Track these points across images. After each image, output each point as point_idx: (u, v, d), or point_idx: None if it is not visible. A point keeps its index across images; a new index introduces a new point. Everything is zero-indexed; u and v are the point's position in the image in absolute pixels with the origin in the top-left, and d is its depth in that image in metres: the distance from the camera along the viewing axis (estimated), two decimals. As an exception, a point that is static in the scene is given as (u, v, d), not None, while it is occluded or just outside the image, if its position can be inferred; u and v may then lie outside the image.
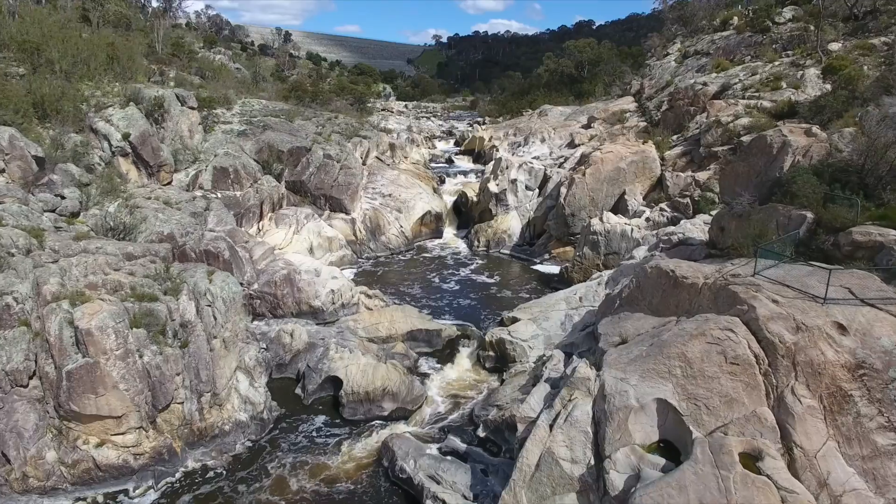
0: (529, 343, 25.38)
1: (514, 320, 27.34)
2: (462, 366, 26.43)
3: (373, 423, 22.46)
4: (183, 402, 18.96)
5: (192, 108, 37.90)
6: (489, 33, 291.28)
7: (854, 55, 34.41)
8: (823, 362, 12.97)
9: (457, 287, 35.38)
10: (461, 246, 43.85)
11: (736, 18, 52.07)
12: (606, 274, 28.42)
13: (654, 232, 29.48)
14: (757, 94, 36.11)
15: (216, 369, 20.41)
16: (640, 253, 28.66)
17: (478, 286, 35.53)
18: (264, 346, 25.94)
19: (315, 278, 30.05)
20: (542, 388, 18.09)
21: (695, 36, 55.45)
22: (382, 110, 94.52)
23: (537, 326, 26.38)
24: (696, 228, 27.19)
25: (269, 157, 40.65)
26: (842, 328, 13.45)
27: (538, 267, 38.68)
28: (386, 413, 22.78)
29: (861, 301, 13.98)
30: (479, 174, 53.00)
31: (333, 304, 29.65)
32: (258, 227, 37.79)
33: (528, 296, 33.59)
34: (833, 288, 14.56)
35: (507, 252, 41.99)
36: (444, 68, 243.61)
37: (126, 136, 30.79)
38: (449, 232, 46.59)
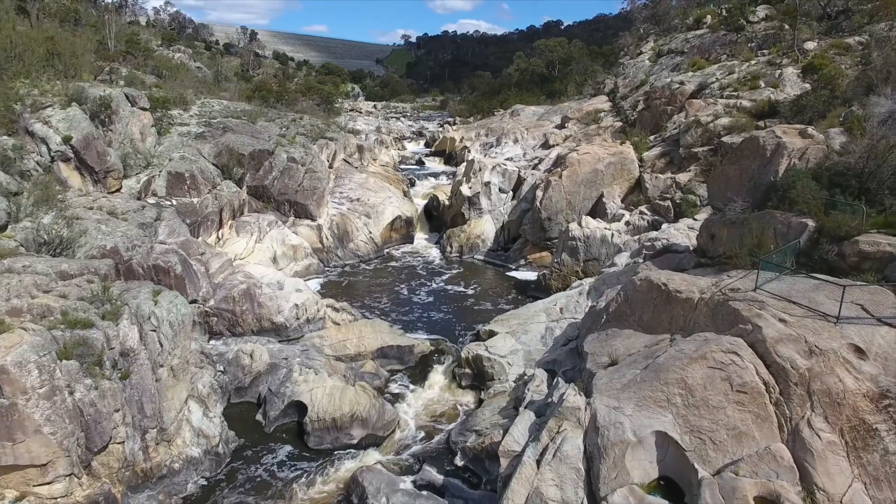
0: (508, 359, 23.76)
1: (492, 334, 25.72)
2: (436, 385, 24.67)
3: (341, 452, 20.55)
4: (123, 442, 16.77)
5: (144, 109, 35.29)
6: (458, 33, 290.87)
7: (830, 54, 33.77)
8: (843, 391, 11.62)
9: (429, 297, 33.61)
10: (433, 252, 42.09)
11: (709, 17, 51.48)
12: (587, 282, 27.01)
13: (636, 237, 28.18)
14: (735, 93, 35.22)
15: (163, 401, 18.24)
16: (622, 260, 27.34)
17: (451, 296, 33.81)
18: (221, 368, 23.76)
19: (277, 292, 27.95)
20: (527, 417, 16.46)
21: (668, 35, 54.74)
22: (351, 111, 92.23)
23: (516, 340, 24.80)
24: (681, 234, 25.95)
25: (229, 160, 38.25)
26: (860, 351, 12.14)
27: (514, 273, 37.16)
28: (355, 441, 20.89)
29: (878, 320, 12.71)
30: (451, 176, 51.33)
31: (297, 319, 27.61)
32: (217, 236, 35.38)
33: (504, 305, 32.03)
34: (843, 305, 13.27)
35: (481, 258, 40.39)
36: (413, 68, 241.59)
37: (67, 140, 28.17)
38: (420, 237, 44.76)
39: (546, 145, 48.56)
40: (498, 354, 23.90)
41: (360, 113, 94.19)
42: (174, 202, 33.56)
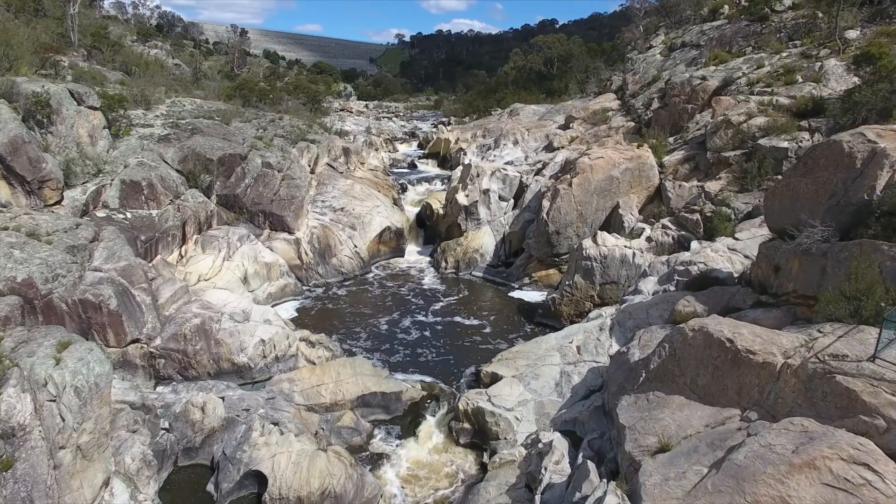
0: (516, 413, 19.43)
1: (495, 378, 21.37)
2: (429, 441, 20.30)
3: (307, 542, 16.22)
4: (1, 560, 12.37)
5: (94, 109, 30.74)
6: (452, 32, 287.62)
7: (880, 43, 29.52)
8: None
9: (420, 324, 29.23)
10: (426, 268, 37.72)
11: (727, 7, 47.26)
12: (608, 314, 22.69)
13: (664, 259, 23.87)
14: (768, 88, 30.96)
15: (65, 494, 13.83)
16: (649, 286, 23.03)
17: (446, 323, 29.43)
18: (166, 425, 19.39)
19: (240, 325, 23.56)
20: (550, 528, 12.13)
21: (681, 27, 50.53)
22: (340, 110, 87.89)
23: (525, 387, 20.46)
24: (721, 256, 21.64)
25: (196, 166, 33.83)
26: None
27: (518, 293, 32.82)
28: (326, 527, 16.57)
29: None
30: (446, 181, 47.03)
31: (264, 357, 23.24)
32: (180, 254, 30.89)
33: (509, 334, 27.72)
34: None
35: (480, 275, 36.05)
36: (407, 67, 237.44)
37: (-11, 145, 23.71)
38: (412, 250, 40.38)
39: (550, 147, 44.30)
40: (504, 407, 19.55)
41: (351, 113, 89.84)
42: (129, 215, 29.13)
